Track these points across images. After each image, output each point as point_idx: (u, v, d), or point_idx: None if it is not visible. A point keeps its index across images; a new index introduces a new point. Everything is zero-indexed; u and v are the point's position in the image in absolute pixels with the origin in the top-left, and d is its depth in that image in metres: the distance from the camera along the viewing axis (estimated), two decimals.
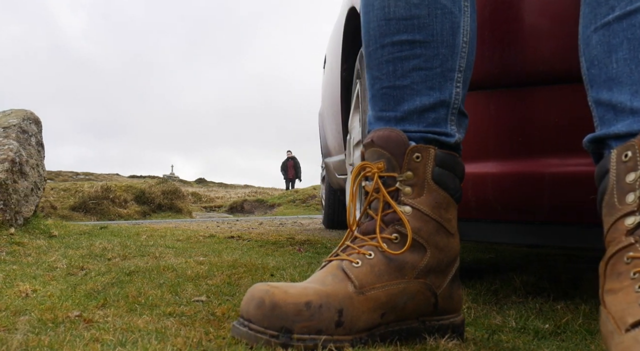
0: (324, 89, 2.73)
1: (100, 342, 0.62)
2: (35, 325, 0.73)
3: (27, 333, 0.66)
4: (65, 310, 0.82)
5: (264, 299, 0.57)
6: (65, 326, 0.70)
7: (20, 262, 1.32)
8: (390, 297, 0.61)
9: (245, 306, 0.59)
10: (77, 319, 0.75)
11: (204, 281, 1.08)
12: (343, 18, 1.48)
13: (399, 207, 0.63)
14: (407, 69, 0.65)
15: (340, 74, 1.56)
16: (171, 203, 11.82)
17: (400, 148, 0.64)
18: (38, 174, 1.91)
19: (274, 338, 0.56)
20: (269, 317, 0.56)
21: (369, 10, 0.68)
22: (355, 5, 1.18)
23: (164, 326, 0.71)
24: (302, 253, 2.00)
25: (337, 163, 2.52)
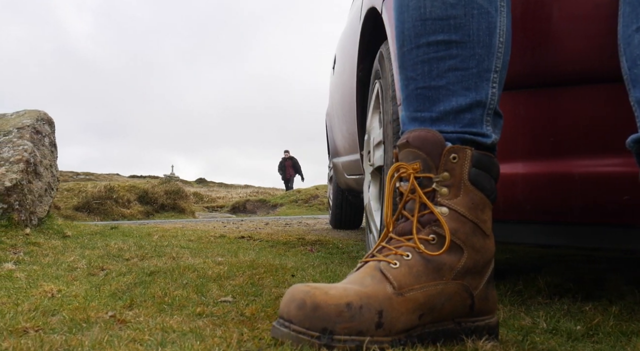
0: (333, 89, 2.73)
1: (140, 342, 0.62)
2: (68, 325, 0.73)
3: (65, 333, 0.66)
4: (94, 310, 0.82)
5: (305, 300, 0.57)
6: (100, 327, 0.71)
7: (39, 262, 1.33)
8: (429, 298, 0.61)
9: (286, 307, 0.59)
10: (111, 319, 0.75)
11: (227, 281, 1.08)
12: (360, 18, 1.47)
13: (435, 208, 0.63)
14: (443, 69, 0.65)
15: (356, 74, 1.56)
16: (174, 203, 11.84)
17: (436, 149, 0.64)
18: (51, 174, 1.92)
19: (316, 339, 0.56)
20: (311, 318, 0.56)
21: (404, 11, 0.68)
22: (375, 6, 1.18)
23: (197, 327, 0.71)
24: (314, 253, 2.00)
25: (347, 164, 2.52)
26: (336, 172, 3.09)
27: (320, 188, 12.68)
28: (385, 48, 1.20)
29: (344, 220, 3.42)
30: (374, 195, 1.26)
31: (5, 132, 1.81)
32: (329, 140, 3.37)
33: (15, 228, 1.63)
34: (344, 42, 2.19)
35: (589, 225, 0.82)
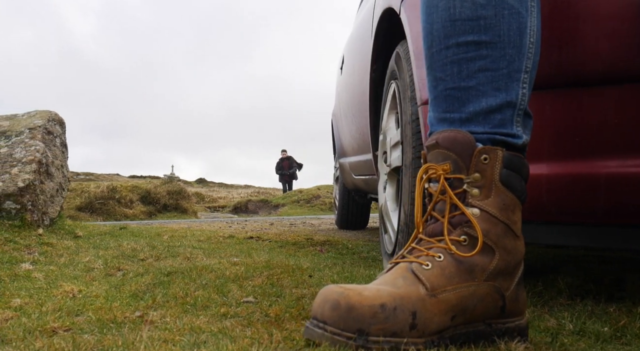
0: (341, 90, 2.73)
1: (172, 343, 0.62)
2: (96, 325, 0.73)
3: (95, 333, 0.66)
4: (119, 310, 0.82)
5: (339, 301, 0.57)
6: (129, 327, 0.71)
7: (55, 262, 1.33)
8: (461, 300, 0.61)
9: (319, 308, 0.59)
10: (138, 320, 0.75)
11: (246, 282, 1.08)
12: (375, 18, 1.47)
13: (467, 209, 0.63)
14: (473, 70, 0.65)
15: (369, 75, 1.56)
16: (176, 204, 11.85)
17: (467, 149, 0.64)
18: (62, 175, 1.92)
19: (351, 340, 0.56)
20: (345, 319, 0.56)
21: (432, 12, 0.68)
22: (393, 6, 1.18)
23: (225, 327, 0.71)
24: (324, 254, 2.00)
25: (355, 164, 2.52)
26: (343, 172, 3.09)
27: (322, 188, 12.68)
28: (402, 48, 1.20)
29: (350, 220, 3.42)
30: (390, 196, 1.26)
31: (17, 132, 1.82)
32: (335, 141, 3.37)
33: (28, 229, 1.64)
34: (353, 43, 2.19)
35: (613, 226, 0.82)
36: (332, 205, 11.55)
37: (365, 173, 2.30)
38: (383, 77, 1.49)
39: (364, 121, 1.91)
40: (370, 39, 1.67)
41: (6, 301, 0.91)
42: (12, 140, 1.79)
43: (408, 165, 1.07)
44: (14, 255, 1.36)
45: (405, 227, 1.09)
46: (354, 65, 2.11)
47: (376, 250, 2.06)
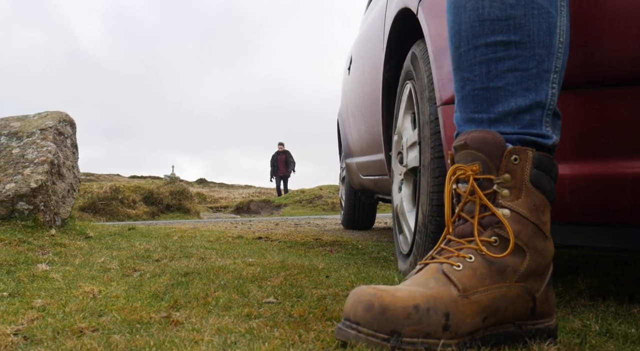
0: (348, 90, 2.73)
1: (204, 343, 0.62)
2: (122, 325, 0.73)
3: (124, 333, 0.66)
4: (142, 311, 0.82)
5: (372, 302, 0.57)
6: (157, 328, 0.71)
7: (71, 262, 1.33)
8: (493, 301, 0.60)
9: (352, 309, 0.59)
10: (165, 320, 0.75)
11: (264, 282, 1.08)
12: (387, 18, 1.47)
13: (497, 210, 0.63)
14: (502, 70, 0.65)
15: (382, 75, 1.56)
16: (179, 204, 11.86)
17: (497, 150, 0.64)
18: (73, 175, 1.92)
19: (385, 341, 0.56)
20: (379, 320, 0.56)
21: (460, 12, 0.68)
22: (409, 7, 1.18)
23: (252, 328, 0.71)
24: (334, 254, 2.00)
25: (363, 164, 2.51)
26: (349, 173, 3.09)
27: (324, 189, 12.67)
28: (418, 49, 1.20)
29: (357, 221, 3.42)
30: (406, 196, 1.25)
31: (28, 133, 1.82)
32: (341, 141, 3.37)
33: (41, 229, 1.64)
34: (363, 43, 2.18)
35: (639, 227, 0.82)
36: (334, 205, 11.54)
37: (374, 174, 2.29)
38: (396, 77, 1.49)
39: (375, 121, 1.91)
40: (382, 39, 1.67)
41: (28, 302, 0.91)
42: (24, 141, 1.79)
43: (426, 166, 1.07)
44: (29, 256, 1.36)
45: (423, 228, 1.08)
46: (363, 66, 2.11)
47: (386, 251, 2.06)
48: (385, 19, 1.64)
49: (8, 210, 1.62)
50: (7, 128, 1.85)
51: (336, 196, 11.58)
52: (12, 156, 1.73)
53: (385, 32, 1.58)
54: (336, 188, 11.88)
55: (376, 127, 1.91)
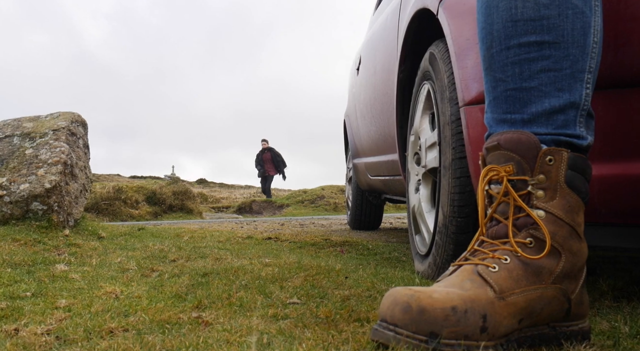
0: (358, 90, 2.73)
1: (238, 344, 0.62)
2: (152, 325, 0.73)
3: (156, 333, 0.66)
4: (169, 311, 0.82)
5: (410, 303, 0.57)
6: (188, 328, 0.71)
7: (88, 263, 1.33)
8: (529, 303, 0.60)
9: (389, 310, 0.58)
10: (195, 320, 0.75)
11: (285, 283, 1.08)
12: (402, 19, 1.47)
13: (532, 211, 0.62)
14: (535, 70, 0.65)
15: (396, 75, 1.56)
16: (182, 204, 11.86)
17: (531, 151, 0.63)
18: (85, 176, 1.93)
19: (424, 343, 0.56)
20: (417, 322, 0.56)
21: (492, 12, 0.68)
22: (429, 7, 1.17)
23: (282, 329, 0.71)
24: (346, 255, 2.00)
25: (372, 164, 2.51)
26: (357, 173, 3.08)
27: (326, 189, 12.66)
28: (437, 49, 1.20)
29: (363, 221, 3.42)
30: (425, 197, 1.25)
31: (41, 133, 1.82)
32: (349, 141, 3.37)
33: (55, 230, 1.64)
34: (374, 44, 2.18)
35: None
36: (336, 206, 11.53)
37: (384, 174, 2.29)
38: (411, 77, 1.49)
39: (387, 122, 1.91)
40: (396, 40, 1.67)
41: (52, 302, 0.91)
42: (37, 141, 1.79)
43: (447, 166, 1.07)
44: (47, 256, 1.36)
45: (443, 228, 1.08)
46: (375, 66, 2.11)
47: (397, 251, 2.06)
48: (399, 20, 1.63)
49: (22, 211, 1.62)
50: (20, 128, 1.85)
51: (338, 196, 11.58)
52: (26, 156, 1.73)
53: (399, 33, 1.57)
54: (338, 188, 11.89)
55: (388, 127, 1.91)
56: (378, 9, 2.54)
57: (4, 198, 1.61)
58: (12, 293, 0.96)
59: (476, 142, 0.95)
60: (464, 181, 1.03)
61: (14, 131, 1.83)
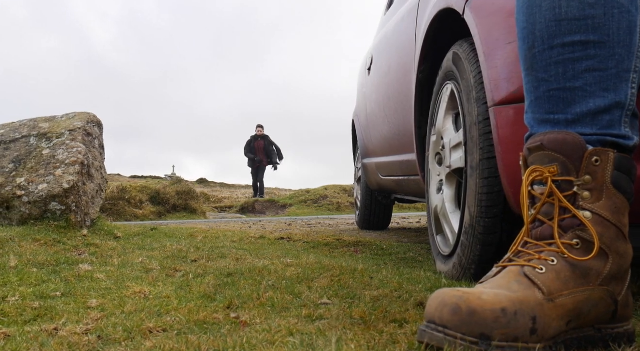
0: (369, 90, 2.72)
1: (283, 344, 0.62)
2: (190, 326, 0.73)
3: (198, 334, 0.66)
4: (203, 311, 0.82)
5: (459, 305, 0.57)
6: (228, 329, 0.71)
7: (109, 263, 1.33)
8: (577, 305, 0.60)
9: (437, 311, 0.58)
10: (234, 320, 0.75)
11: (311, 283, 1.07)
12: (421, 19, 1.46)
13: (579, 212, 0.62)
14: (579, 70, 0.65)
15: (416, 75, 1.55)
16: (186, 204, 11.87)
17: (577, 151, 0.63)
18: (101, 176, 1.93)
19: (474, 345, 0.55)
20: (468, 323, 0.56)
21: (535, 12, 0.68)
22: (453, 7, 1.17)
23: (321, 329, 0.70)
24: (360, 255, 2.00)
25: (384, 164, 2.51)
26: (367, 173, 3.08)
27: (329, 189, 12.66)
28: (461, 49, 1.19)
29: (372, 221, 3.41)
30: (449, 197, 1.25)
31: (57, 134, 1.82)
32: (359, 142, 3.36)
33: (73, 230, 1.64)
34: (388, 44, 2.18)
35: None
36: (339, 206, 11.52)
37: (397, 174, 2.29)
38: (431, 77, 1.48)
39: (403, 121, 1.90)
40: (413, 39, 1.66)
41: (83, 302, 0.91)
42: (54, 141, 1.79)
43: (475, 167, 1.06)
44: (69, 256, 1.36)
45: (470, 229, 1.08)
46: (389, 66, 2.10)
47: (412, 251, 2.05)
48: (418, 20, 1.63)
49: (41, 211, 1.63)
50: (36, 129, 1.85)
51: (341, 196, 11.58)
52: (43, 157, 1.73)
53: (418, 33, 1.57)
54: (341, 188, 11.88)
55: (403, 127, 1.91)
56: (390, 9, 2.53)
57: (23, 198, 1.62)
58: (42, 293, 0.96)
59: (506, 142, 0.95)
60: (492, 181, 1.02)
61: (30, 131, 1.83)
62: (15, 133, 1.82)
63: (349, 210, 9.42)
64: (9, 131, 1.84)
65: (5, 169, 1.68)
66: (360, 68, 3.28)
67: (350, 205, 9.81)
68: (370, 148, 2.87)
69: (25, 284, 1.03)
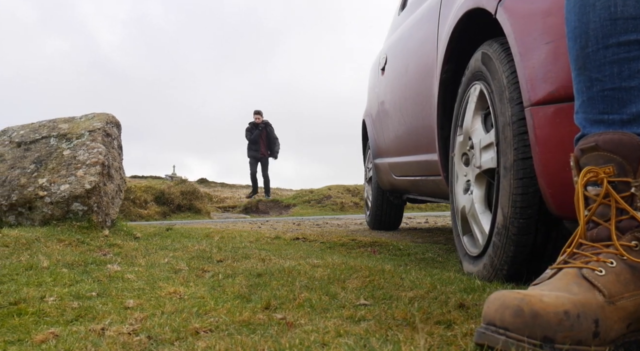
0: (382, 90, 2.72)
1: (337, 346, 0.61)
2: (234, 326, 0.73)
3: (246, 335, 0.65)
4: (243, 312, 0.82)
5: (522, 307, 0.56)
6: (276, 330, 0.70)
7: (136, 263, 1.33)
8: (637, 307, 0.59)
9: (497, 314, 0.58)
10: (281, 321, 0.75)
11: (344, 284, 1.07)
12: (449, 19, 1.46)
13: (637, 213, 0.61)
14: (635, 70, 0.64)
15: (439, 76, 1.55)
16: (190, 204, 11.87)
17: (635, 152, 0.62)
18: (120, 177, 1.93)
19: (537, 347, 0.55)
20: (531, 326, 0.55)
21: (588, 11, 0.67)
22: (483, 7, 1.16)
23: (369, 331, 0.70)
24: (379, 255, 1.99)
25: (399, 165, 2.50)
26: (379, 173, 3.07)
27: (332, 189, 12.65)
28: (491, 49, 1.19)
29: (384, 221, 3.41)
30: (478, 198, 1.24)
31: (77, 134, 1.82)
32: (369, 142, 3.36)
33: (95, 230, 1.64)
34: (406, 44, 2.17)
35: None
36: (343, 206, 11.52)
37: (413, 174, 2.28)
38: (458, 77, 1.48)
39: (422, 122, 1.90)
40: (435, 40, 1.66)
41: (120, 302, 0.91)
42: (74, 142, 1.79)
43: (508, 167, 1.06)
44: (95, 257, 1.36)
45: (503, 229, 1.07)
46: (406, 66, 2.10)
47: (431, 251, 2.05)
48: (440, 20, 1.63)
49: (63, 211, 1.63)
50: (56, 129, 1.85)
51: (345, 196, 11.57)
52: (64, 157, 1.73)
53: (441, 33, 1.56)
54: (345, 188, 11.88)
55: (422, 128, 1.90)
56: (404, 10, 2.52)
57: (45, 198, 1.62)
58: (77, 293, 0.96)
59: (544, 142, 0.94)
60: (527, 182, 1.02)
61: (50, 132, 1.83)
62: (35, 133, 1.82)
63: (353, 210, 9.42)
64: (28, 132, 1.84)
65: (26, 170, 1.68)
66: (372, 68, 3.28)
67: (354, 205, 9.81)
68: (383, 149, 2.86)
69: (59, 284, 1.03)
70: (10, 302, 0.87)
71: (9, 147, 1.78)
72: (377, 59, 3.10)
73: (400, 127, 2.33)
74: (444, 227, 3.62)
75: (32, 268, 1.13)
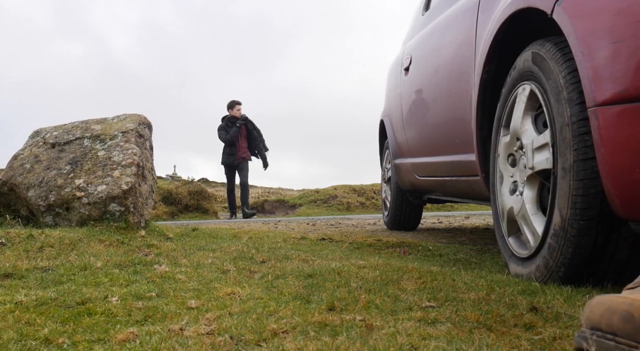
0: (406, 91, 2.71)
1: (426, 348, 0.60)
2: (310, 328, 0.72)
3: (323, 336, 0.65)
4: (309, 313, 0.81)
5: (631, 312, 0.55)
6: (356, 331, 0.69)
7: (180, 263, 1.32)
8: None
9: (603, 318, 0.57)
10: (360, 323, 0.74)
11: (398, 285, 1.06)
12: (492, 19, 1.45)
13: None
14: None
15: (480, 76, 1.54)
16: (197, 204, 11.90)
17: None
18: (152, 177, 1.93)
19: None
20: None
21: None
22: (537, 7, 1.15)
23: (450, 333, 0.69)
24: (409, 256, 1.99)
25: (422, 165, 2.50)
26: (399, 173, 3.06)
27: (338, 189, 12.64)
28: (543, 49, 1.18)
29: (403, 221, 3.40)
30: (529, 199, 1.23)
31: (110, 136, 1.82)
32: (389, 142, 3.34)
33: (132, 230, 1.64)
34: (435, 43, 2.16)
35: None
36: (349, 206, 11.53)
37: (441, 175, 2.27)
38: (501, 78, 1.46)
39: (453, 122, 1.89)
40: (473, 40, 1.65)
41: (182, 302, 0.90)
42: (108, 143, 1.79)
43: (568, 168, 1.05)
44: (139, 257, 1.36)
45: (561, 231, 1.06)
46: (436, 67, 2.09)
47: (462, 252, 2.04)
48: (479, 20, 1.61)
49: (100, 212, 1.63)
50: (89, 131, 1.85)
51: (351, 196, 11.58)
52: (99, 158, 1.73)
53: (481, 33, 1.55)
54: (350, 188, 11.88)
55: (454, 128, 1.89)
56: (430, 10, 2.51)
57: (82, 199, 1.62)
58: (137, 293, 0.95)
59: (611, 143, 0.93)
60: (588, 183, 1.01)
61: (84, 133, 1.83)
62: (68, 134, 1.82)
63: (359, 210, 9.41)
64: (62, 133, 1.84)
65: (62, 170, 1.69)
66: (391, 69, 3.26)
67: (360, 205, 9.80)
68: (404, 149, 2.85)
69: (116, 284, 1.03)
70: (77, 302, 0.87)
71: (43, 148, 1.78)
72: (397, 59, 3.08)
73: (425, 127, 2.32)
74: (461, 227, 3.61)
75: (86, 269, 1.13)
